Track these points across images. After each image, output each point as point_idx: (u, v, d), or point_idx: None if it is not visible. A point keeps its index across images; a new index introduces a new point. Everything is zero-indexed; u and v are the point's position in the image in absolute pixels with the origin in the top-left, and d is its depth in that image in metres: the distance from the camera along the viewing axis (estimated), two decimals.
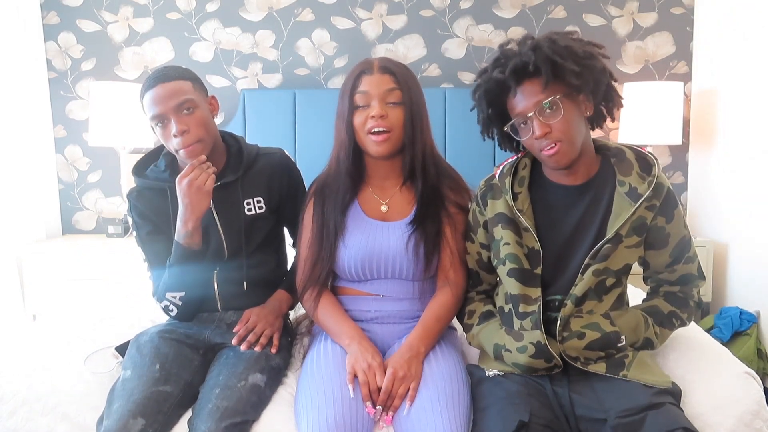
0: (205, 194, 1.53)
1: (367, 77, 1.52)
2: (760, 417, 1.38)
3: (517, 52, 1.39)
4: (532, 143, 1.40)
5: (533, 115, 1.36)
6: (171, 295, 1.60)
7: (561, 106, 1.36)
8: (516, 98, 1.40)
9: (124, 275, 2.69)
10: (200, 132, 1.54)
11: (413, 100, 1.54)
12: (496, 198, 1.50)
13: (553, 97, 1.35)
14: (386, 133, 1.50)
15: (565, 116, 1.36)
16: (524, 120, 1.39)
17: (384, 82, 1.52)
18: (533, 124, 1.37)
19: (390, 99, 1.52)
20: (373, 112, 1.50)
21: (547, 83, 1.35)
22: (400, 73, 1.54)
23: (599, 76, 1.38)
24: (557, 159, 1.38)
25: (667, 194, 1.44)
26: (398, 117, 1.52)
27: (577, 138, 1.39)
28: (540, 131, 1.36)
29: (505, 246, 1.46)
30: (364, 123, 1.51)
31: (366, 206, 1.62)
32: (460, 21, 3.18)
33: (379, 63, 1.55)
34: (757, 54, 2.69)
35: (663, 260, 1.49)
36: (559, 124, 1.36)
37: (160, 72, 1.54)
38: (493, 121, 1.49)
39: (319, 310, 1.59)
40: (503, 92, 1.42)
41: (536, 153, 1.42)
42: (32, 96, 3.02)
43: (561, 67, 1.34)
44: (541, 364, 1.41)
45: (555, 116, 1.36)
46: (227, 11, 3.16)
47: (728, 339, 2.67)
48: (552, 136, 1.36)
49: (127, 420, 1.33)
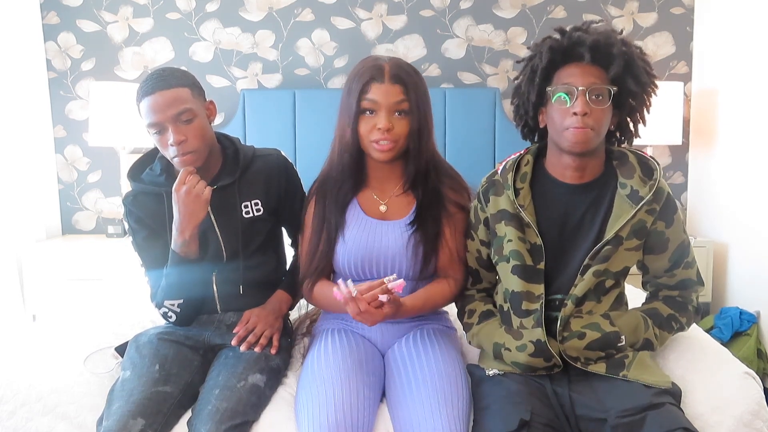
0: (203, 203, 1.52)
1: (377, 85, 1.50)
2: (759, 417, 1.38)
3: (606, 35, 1.42)
4: (563, 118, 1.39)
5: (583, 89, 1.38)
6: (169, 302, 1.60)
7: (608, 99, 1.40)
8: (574, 69, 1.41)
9: (124, 275, 2.68)
10: (197, 142, 1.52)
11: (420, 109, 1.53)
12: (498, 194, 1.51)
13: (610, 87, 1.39)
14: (391, 143, 1.50)
15: (606, 110, 1.40)
16: (569, 91, 1.39)
17: (393, 93, 1.50)
18: (578, 100, 1.38)
19: (398, 109, 1.51)
20: (380, 124, 1.49)
21: (614, 75, 1.39)
22: (411, 82, 1.52)
23: (642, 106, 1.47)
24: (581, 140, 1.38)
25: (667, 199, 1.45)
26: (404, 128, 1.51)
27: (602, 135, 1.43)
28: (582, 108, 1.37)
29: (508, 243, 1.47)
30: (370, 132, 1.51)
31: (365, 206, 1.62)
32: (460, 21, 3.17)
33: (390, 71, 1.51)
34: (757, 54, 2.69)
35: (662, 265, 1.50)
36: (599, 112, 1.39)
37: (158, 76, 1.51)
38: (539, 80, 1.46)
39: (314, 294, 1.61)
40: (566, 57, 1.43)
41: (559, 129, 1.41)
42: (32, 96, 3.02)
43: (630, 75, 1.40)
44: (540, 363, 1.41)
45: (599, 104, 1.39)
46: (227, 11, 3.16)
47: (728, 339, 2.67)
48: (587, 120, 1.37)
49: (126, 420, 1.33)
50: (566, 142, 1.40)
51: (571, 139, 1.39)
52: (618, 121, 1.48)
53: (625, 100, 1.44)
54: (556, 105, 1.41)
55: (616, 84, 1.40)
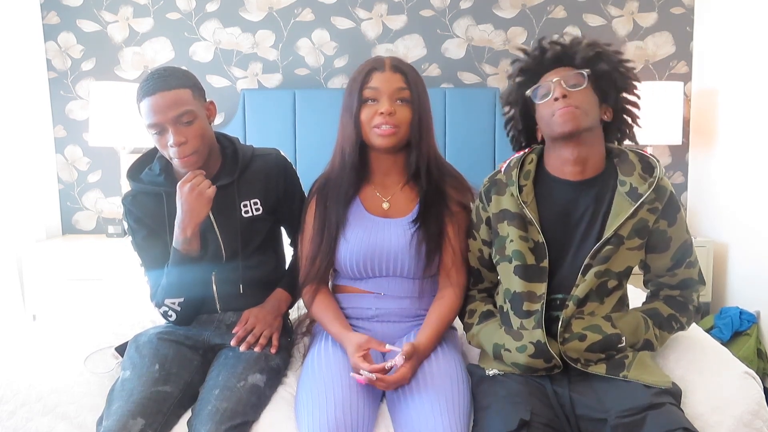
0: (206, 200, 1.53)
1: (378, 74, 1.54)
2: (760, 417, 1.38)
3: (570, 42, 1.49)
4: (549, 108, 1.42)
5: (558, 79, 1.42)
6: (170, 301, 1.60)
7: (586, 81, 1.43)
8: (548, 75, 1.47)
9: (124, 275, 2.68)
10: (197, 143, 1.52)
11: (421, 101, 1.56)
12: (501, 194, 1.51)
13: (582, 72, 1.43)
14: (393, 128, 1.51)
15: (586, 90, 1.43)
16: (547, 87, 1.44)
17: (395, 81, 1.53)
18: (555, 89, 1.42)
19: (399, 96, 1.53)
20: (382, 108, 1.51)
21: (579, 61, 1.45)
22: (411, 74, 1.56)
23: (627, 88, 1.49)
24: (569, 119, 1.40)
25: (669, 198, 1.45)
26: (406, 115, 1.53)
27: (591, 115, 1.44)
28: (561, 91, 1.41)
29: (510, 243, 1.47)
30: (372, 118, 1.52)
31: (367, 203, 1.62)
32: (460, 21, 3.17)
33: (391, 62, 1.57)
34: (757, 54, 2.69)
35: (664, 264, 1.50)
36: (580, 94, 1.42)
37: (159, 76, 1.50)
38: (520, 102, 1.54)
39: (313, 307, 1.63)
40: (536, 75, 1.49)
41: (548, 121, 1.43)
42: (32, 96, 3.02)
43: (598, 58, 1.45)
44: (540, 364, 1.41)
45: (576, 87, 1.42)
46: (227, 11, 3.16)
47: (728, 339, 2.67)
48: (569, 101, 1.40)
49: (126, 420, 1.33)
50: (557, 127, 1.41)
51: (559, 121, 1.40)
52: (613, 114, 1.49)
53: (606, 85, 1.46)
54: (540, 105, 1.45)
55: (587, 67, 1.44)
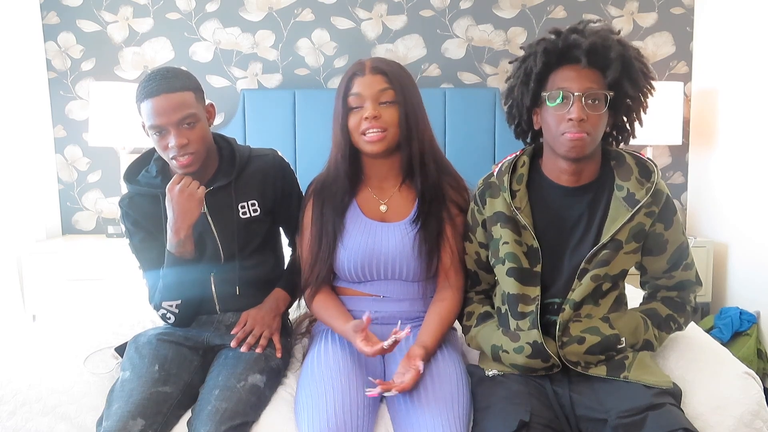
0: (197, 201, 1.52)
1: (359, 79, 1.52)
2: (760, 417, 1.38)
3: (603, 37, 1.37)
4: (559, 123, 1.37)
5: (579, 95, 1.35)
6: (167, 304, 1.60)
7: (606, 105, 1.38)
8: (570, 72, 1.38)
9: (124, 275, 2.68)
10: (198, 146, 1.52)
11: (407, 98, 1.53)
12: (495, 196, 1.50)
13: (606, 93, 1.37)
14: (381, 132, 1.50)
15: (602, 115, 1.38)
16: (565, 96, 1.37)
17: (376, 83, 1.51)
18: (574, 106, 1.35)
19: (383, 99, 1.51)
20: (366, 113, 1.50)
21: (611, 80, 1.36)
22: (392, 72, 1.53)
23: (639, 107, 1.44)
24: (577, 146, 1.36)
25: (666, 201, 1.44)
26: (392, 116, 1.52)
27: (598, 140, 1.41)
28: (578, 114, 1.34)
29: (504, 245, 1.46)
30: (359, 125, 1.51)
31: (365, 207, 1.62)
32: (460, 21, 3.17)
33: (371, 64, 1.54)
34: (757, 54, 2.69)
35: (660, 266, 1.49)
36: (596, 118, 1.37)
37: (163, 77, 1.49)
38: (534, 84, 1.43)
39: (314, 306, 1.63)
40: (562, 59, 1.39)
41: (555, 134, 1.38)
42: (32, 96, 3.01)
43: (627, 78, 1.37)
44: (538, 364, 1.41)
45: (596, 110, 1.37)
46: (227, 11, 3.16)
47: (728, 339, 2.67)
48: (584, 125, 1.35)
49: (126, 421, 1.33)
50: (562, 148, 1.38)
51: (567, 145, 1.37)
52: (614, 122, 1.46)
53: (621, 103, 1.43)
54: (551, 110, 1.39)
55: (612, 89, 1.38)
